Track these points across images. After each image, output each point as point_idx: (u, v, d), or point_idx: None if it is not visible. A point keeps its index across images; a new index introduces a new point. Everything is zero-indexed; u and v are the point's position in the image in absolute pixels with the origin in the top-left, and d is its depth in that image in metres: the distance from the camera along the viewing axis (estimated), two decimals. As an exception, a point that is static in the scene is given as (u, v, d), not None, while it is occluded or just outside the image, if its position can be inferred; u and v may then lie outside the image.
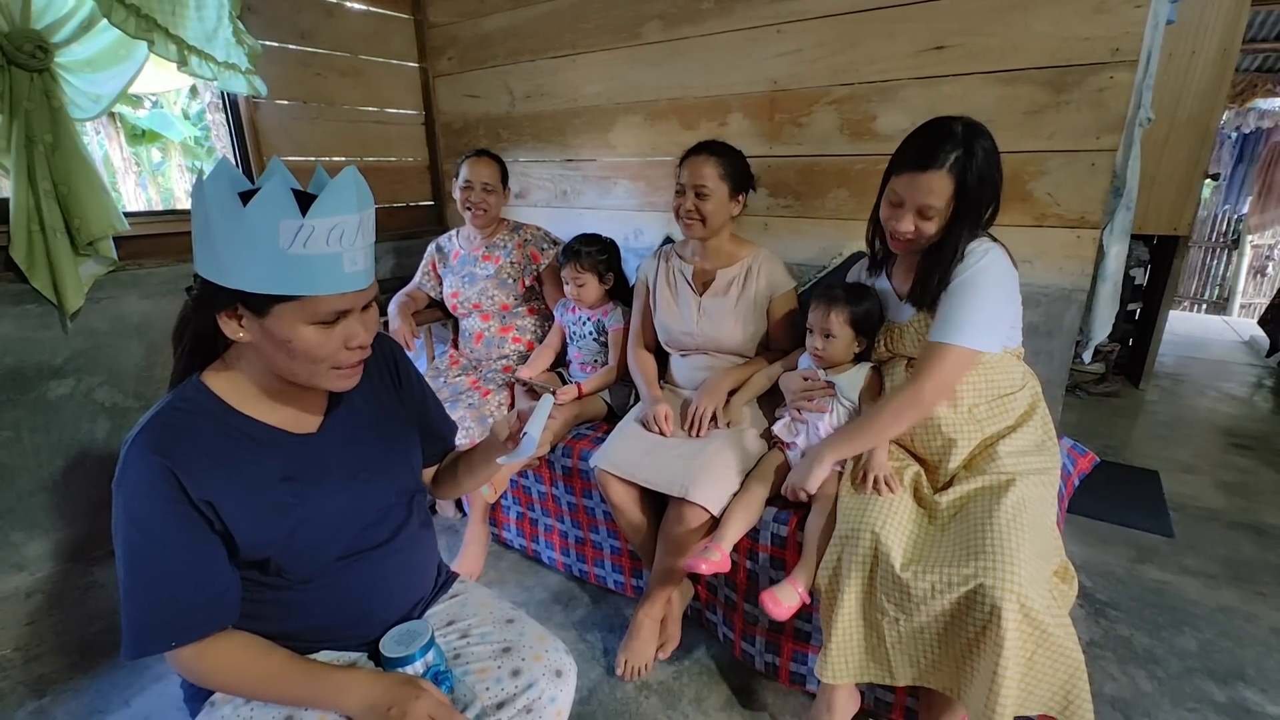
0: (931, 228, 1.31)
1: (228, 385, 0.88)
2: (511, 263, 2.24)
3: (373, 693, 0.87)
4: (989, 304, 1.28)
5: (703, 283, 1.81)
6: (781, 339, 1.78)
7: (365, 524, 0.92)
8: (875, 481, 1.32)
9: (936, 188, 1.26)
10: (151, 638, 0.82)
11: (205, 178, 0.76)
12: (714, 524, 1.52)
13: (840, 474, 1.44)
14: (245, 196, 0.75)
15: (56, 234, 1.79)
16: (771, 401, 1.73)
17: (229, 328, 0.82)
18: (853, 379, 1.52)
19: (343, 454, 0.96)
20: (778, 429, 1.62)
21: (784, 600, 1.33)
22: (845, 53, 1.96)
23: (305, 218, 0.75)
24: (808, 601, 1.36)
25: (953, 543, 1.18)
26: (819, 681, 1.49)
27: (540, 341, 2.24)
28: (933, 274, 1.34)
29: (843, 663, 1.28)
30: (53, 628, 1.81)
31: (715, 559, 1.42)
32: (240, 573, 0.88)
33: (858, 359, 1.58)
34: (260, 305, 0.79)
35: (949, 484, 1.34)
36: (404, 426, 1.07)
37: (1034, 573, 1.10)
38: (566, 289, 2.05)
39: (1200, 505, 2.48)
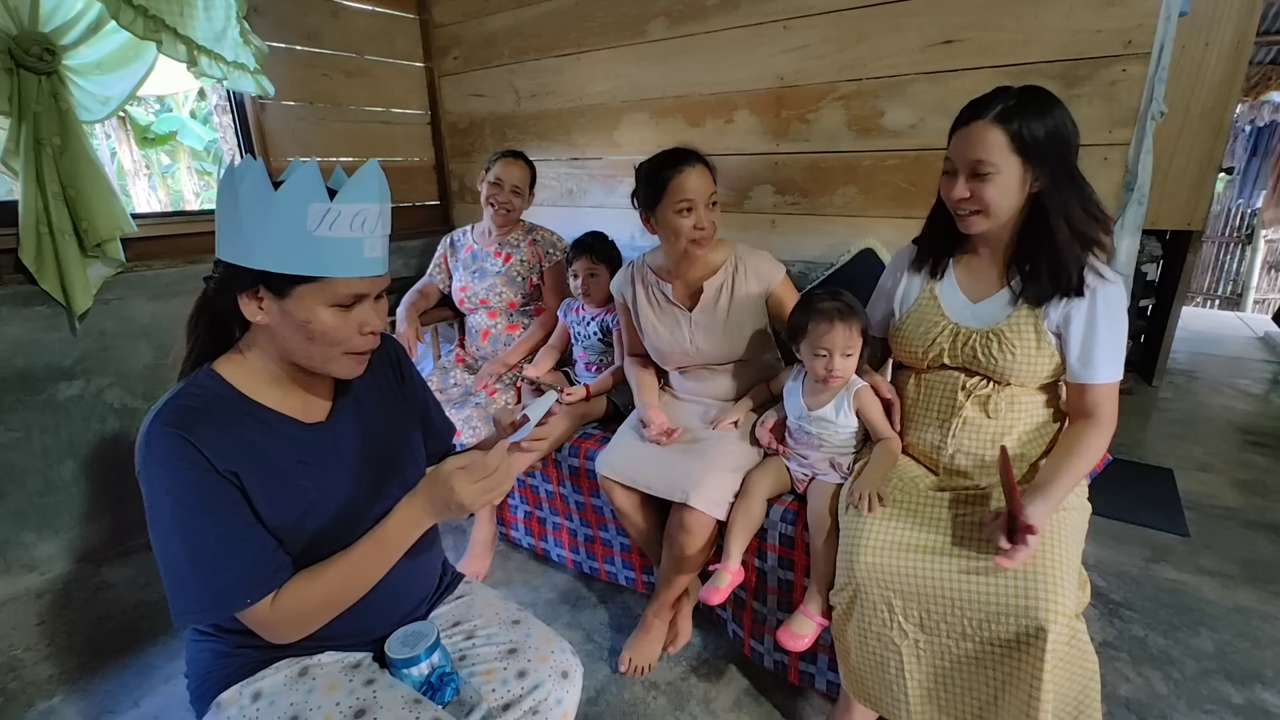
0: (990, 191, 1.18)
1: (239, 373, 0.90)
2: (522, 261, 2.24)
3: (426, 507, 0.89)
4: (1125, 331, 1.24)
5: (689, 297, 1.71)
6: None
7: (373, 516, 0.92)
8: (864, 500, 1.27)
9: (985, 139, 1.16)
10: (226, 600, 0.82)
11: (237, 165, 0.80)
12: (717, 526, 1.51)
13: (839, 489, 1.43)
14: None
15: (65, 236, 1.80)
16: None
17: (249, 309, 0.84)
18: (844, 418, 1.47)
19: (352, 443, 0.97)
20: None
21: (799, 631, 1.31)
22: (852, 48, 1.94)
23: (333, 202, 0.80)
24: (826, 624, 1.33)
25: (988, 560, 1.13)
26: (828, 681, 1.48)
27: (546, 342, 2.24)
28: (1050, 269, 1.20)
29: (859, 684, 1.27)
30: (63, 628, 1.82)
31: (725, 584, 1.41)
32: None
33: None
34: (282, 286, 0.82)
35: (982, 499, 1.27)
36: (408, 423, 1.08)
37: (1074, 596, 1.09)
38: (574, 284, 2.04)
39: (1216, 504, 2.44)
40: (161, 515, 0.81)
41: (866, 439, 1.51)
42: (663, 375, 1.91)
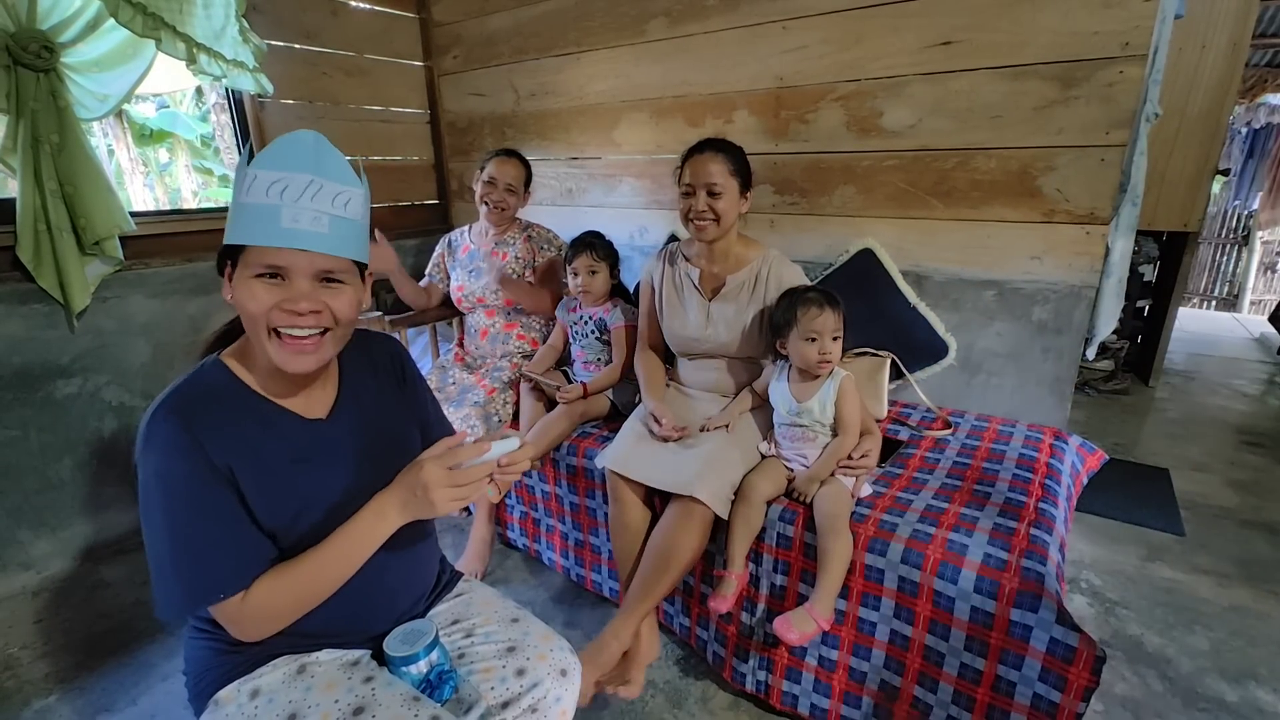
0: None
1: (243, 365, 0.90)
2: (517, 258, 2.24)
3: (396, 500, 0.88)
4: None
5: (712, 288, 1.75)
6: None
7: None
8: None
9: None
10: (200, 595, 0.82)
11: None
12: (713, 525, 1.50)
13: (857, 485, 1.45)
14: None
15: (63, 234, 1.80)
16: (765, 414, 1.71)
17: (224, 290, 0.86)
18: (831, 410, 1.51)
19: (351, 442, 0.97)
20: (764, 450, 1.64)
21: (801, 628, 1.30)
22: (851, 49, 1.94)
23: (249, 166, 0.81)
24: (826, 629, 1.33)
25: None
26: (812, 704, 1.46)
27: (545, 340, 2.24)
28: None
29: None
30: (60, 626, 1.82)
31: (732, 591, 1.41)
32: None
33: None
34: (235, 260, 0.83)
35: None
36: (408, 424, 1.08)
37: None
38: (574, 283, 2.04)
39: (1211, 503, 2.45)
40: (151, 502, 0.82)
41: None
42: (670, 364, 1.93)
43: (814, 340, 1.49)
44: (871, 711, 1.41)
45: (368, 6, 2.71)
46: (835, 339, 1.50)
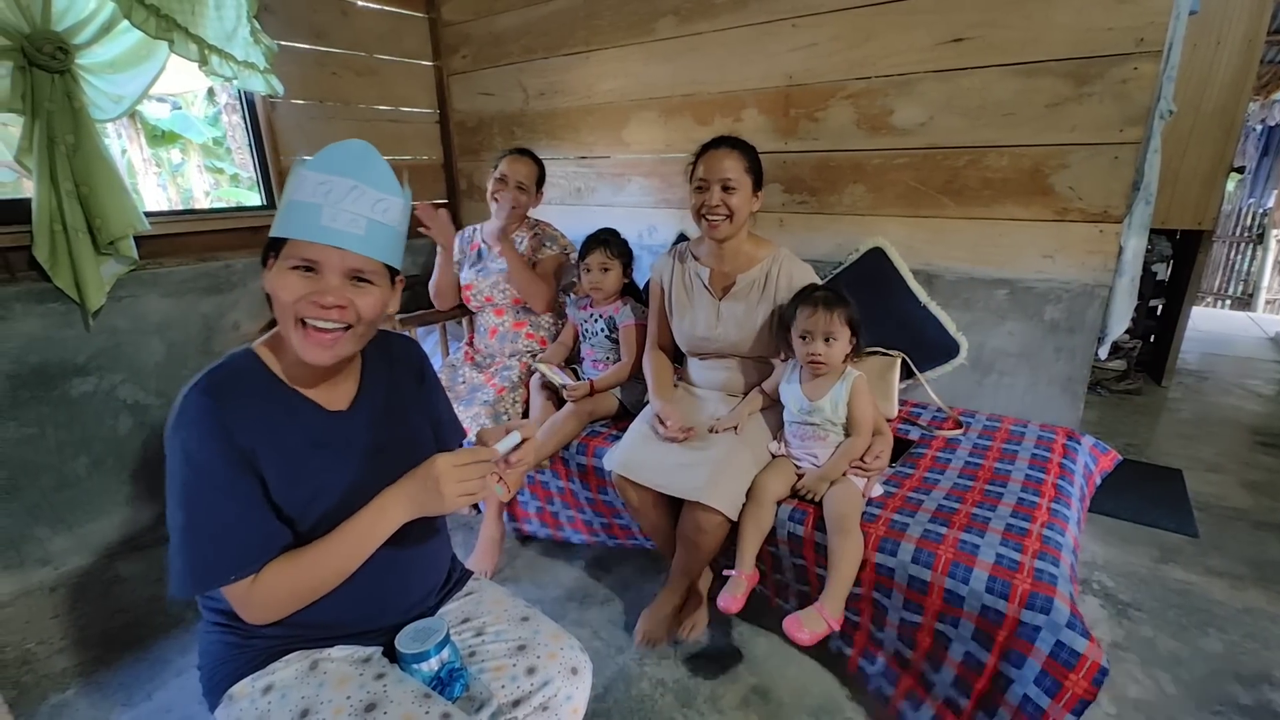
0: None
1: (273, 354, 0.94)
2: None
3: (404, 495, 0.90)
4: None
5: (722, 287, 1.74)
6: None
7: None
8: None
9: None
10: (212, 574, 0.85)
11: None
12: (729, 525, 1.51)
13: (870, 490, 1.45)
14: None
15: (78, 234, 1.82)
16: (775, 414, 1.71)
17: (264, 278, 0.90)
18: (842, 410, 1.51)
19: (368, 434, 1.00)
20: (774, 449, 1.63)
21: (811, 628, 1.30)
22: (861, 46, 1.94)
23: (304, 168, 0.86)
24: (836, 629, 1.33)
25: None
26: (839, 647, 1.47)
27: (554, 339, 2.25)
28: None
29: None
30: (76, 622, 1.84)
31: (741, 591, 1.41)
32: None
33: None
34: (279, 252, 0.88)
35: None
36: (423, 423, 1.10)
37: None
38: (586, 279, 2.04)
39: (1225, 505, 2.43)
40: (175, 479, 0.84)
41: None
42: (679, 363, 1.93)
43: (805, 339, 1.51)
44: (883, 670, 1.43)
45: (377, 6, 2.72)
46: (829, 340, 1.49)
